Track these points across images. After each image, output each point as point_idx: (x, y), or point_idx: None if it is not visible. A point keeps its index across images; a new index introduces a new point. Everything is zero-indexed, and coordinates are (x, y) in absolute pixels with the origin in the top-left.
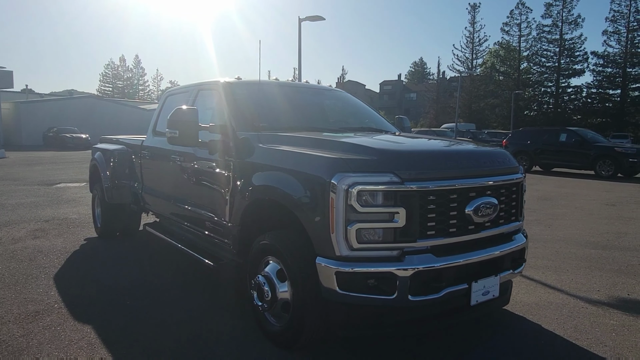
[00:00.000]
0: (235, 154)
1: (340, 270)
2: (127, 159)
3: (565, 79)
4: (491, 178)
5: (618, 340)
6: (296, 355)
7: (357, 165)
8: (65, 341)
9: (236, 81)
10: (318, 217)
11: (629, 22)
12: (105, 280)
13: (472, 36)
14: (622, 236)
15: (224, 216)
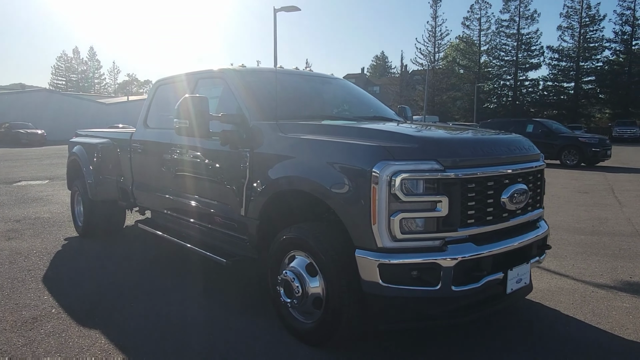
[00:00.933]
0: (252, 144)
1: (384, 262)
2: (112, 153)
3: (523, 73)
4: (522, 165)
5: (637, 323)
6: (326, 352)
7: (399, 153)
8: (75, 349)
9: (245, 69)
10: (357, 208)
11: (581, 18)
12: (101, 282)
13: (434, 30)
14: (604, 222)
15: (239, 210)
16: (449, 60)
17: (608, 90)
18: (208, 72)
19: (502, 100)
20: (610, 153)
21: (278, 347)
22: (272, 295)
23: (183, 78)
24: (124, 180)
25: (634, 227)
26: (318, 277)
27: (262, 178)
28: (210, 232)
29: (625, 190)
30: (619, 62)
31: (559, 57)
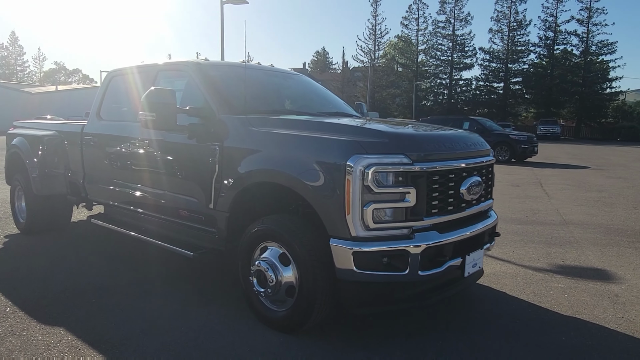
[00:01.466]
0: (221, 138)
1: (357, 250)
2: (59, 146)
3: (458, 72)
4: (477, 159)
5: (571, 301)
6: (298, 339)
7: (371, 147)
8: (41, 346)
9: (209, 62)
10: (332, 199)
11: (509, 22)
12: (56, 280)
13: (374, 28)
14: (536, 213)
15: (207, 203)
16: (389, 58)
17: (533, 91)
18: (170, 65)
19: (439, 98)
20: (537, 150)
21: (252, 336)
22: (244, 285)
23: (141, 70)
24: (73, 174)
25: (562, 217)
26: (291, 266)
27: (233, 171)
28: (174, 225)
29: (551, 183)
30: (543, 65)
31: (490, 59)
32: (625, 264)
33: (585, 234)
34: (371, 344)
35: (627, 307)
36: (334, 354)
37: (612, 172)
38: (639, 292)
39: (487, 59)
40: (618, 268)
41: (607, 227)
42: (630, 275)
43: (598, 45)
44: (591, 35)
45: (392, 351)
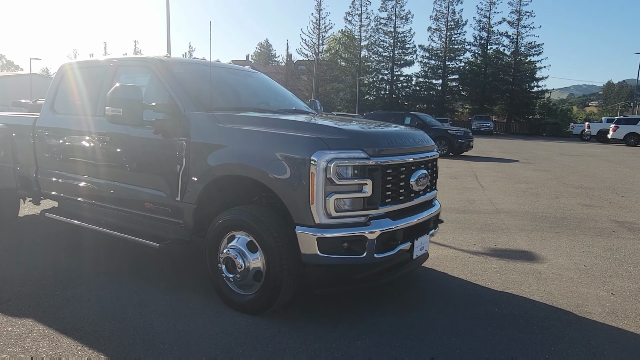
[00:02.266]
0: (188, 133)
1: (321, 236)
2: (8, 139)
3: (399, 68)
4: (424, 154)
5: (503, 279)
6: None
7: (332, 143)
8: (12, 337)
9: (172, 59)
10: (297, 190)
11: (447, 22)
12: (13, 274)
13: (318, 22)
14: (472, 203)
15: (174, 196)
16: (332, 52)
17: (468, 88)
18: (131, 60)
19: (381, 93)
20: (472, 144)
21: (220, 319)
22: (212, 272)
23: (99, 64)
24: (23, 167)
25: (495, 206)
26: (258, 253)
27: (201, 165)
28: (138, 217)
29: (485, 175)
30: (477, 63)
31: (429, 56)
32: (548, 246)
33: (514, 221)
34: (330, 319)
35: (548, 283)
36: (297, 330)
37: (537, 165)
38: (558, 270)
39: (426, 56)
40: (542, 250)
41: (533, 215)
42: (552, 255)
43: (526, 47)
44: (520, 36)
45: (354, 325)
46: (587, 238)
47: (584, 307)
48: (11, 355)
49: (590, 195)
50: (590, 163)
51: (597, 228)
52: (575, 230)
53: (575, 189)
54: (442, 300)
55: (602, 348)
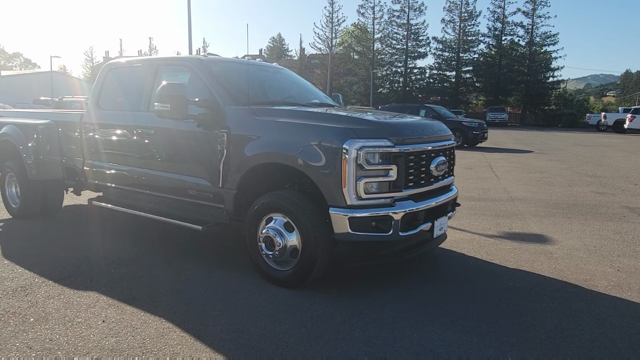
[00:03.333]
0: (229, 126)
1: (352, 216)
2: (55, 134)
3: (412, 61)
4: (442, 142)
5: (516, 258)
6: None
7: (362, 133)
8: (82, 305)
9: (210, 58)
10: (331, 175)
11: (461, 13)
12: (67, 255)
13: (331, 16)
14: (487, 191)
15: (216, 183)
16: (346, 46)
17: (482, 80)
18: (172, 59)
19: (394, 86)
20: (487, 136)
21: (260, 292)
22: (251, 251)
23: (141, 63)
24: (70, 160)
25: (509, 194)
26: (295, 232)
27: (241, 155)
28: (180, 204)
29: (500, 166)
30: (492, 55)
31: (443, 48)
32: (559, 230)
33: (528, 207)
34: (359, 292)
35: (559, 261)
36: (330, 300)
37: (552, 156)
38: (569, 250)
39: (440, 48)
40: (553, 233)
41: (546, 202)
42: (563, 237)
43: (542, 37)
44: (535, 26)
45: (381, 297)
46: (597, 222)
47: (591, 282)
48: (85, 319)
49: (604, 184)
50: (606, 153)
51: (608, 213)
52: (586, 216)
53: (588, 178)
54: (460, 276)
55: (605, 315)
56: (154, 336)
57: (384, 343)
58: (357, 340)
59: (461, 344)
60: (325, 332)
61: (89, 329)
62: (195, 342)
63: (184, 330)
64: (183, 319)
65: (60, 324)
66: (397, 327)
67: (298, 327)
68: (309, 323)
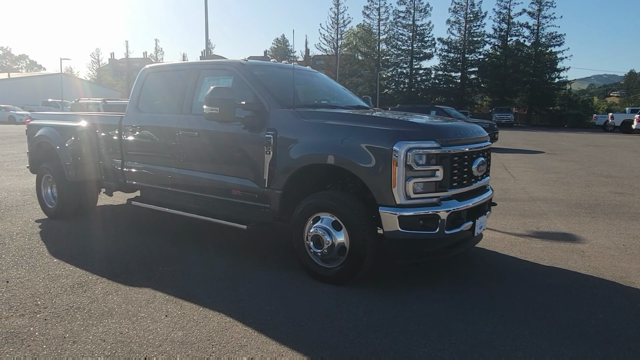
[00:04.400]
0: (275, 128)
1: (402, 215)
2: (93, 136)
3: (418, 62)
4: (481, 144)
5: (549, 256)
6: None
7: (411, 135)
8: (142, 301)
9: (252, 62)
10: (381, 175)
11: (466, 14)
12: (112, 254)
13: (336, 17)
14: (506, 192)
15: (262, 183)
16: (351, 46)
17: (488, 80)
18: (214, 64)
19: (400, 87)
20: (497, 136)
21: (308, 289)
22: (297, 249)
23: (180, 67)
24: (108, 161)
25: (529, 195)
26: (342, 230)
27: (288, 156)
28: (220, 203)
29: (514, 167)
30: (497, 55)
31: (448, 49)
32: (586, 229)
33: (550, 207)
34: (404, 288)
35: (592, 259)
36: (378, 296)
37: (564, 156)
38: (599, 248)
39: (445, 49)
40: (581, 232)
41: (568, 202)
42: (591, 236)
43: (547, 37)
44: (541, 27)
45: (424, 293)
46: (622, 222)
47: (627, 278)
48: (148, 314)
49: (621, 184)
50: (617, 153)
51: (631, 213)
52: (610, 215)
53: (605, 178)
54: (498, 273)
55: None
56: (218, 330)
57: (440, 336)
58: (414, 334)
59: (514, 337)
60: (381, 326)
61: (154, 323)
62: (260, 336)
63: (245, 324)
64: (241, 314)
65: (126, 318)
66: (449, 322)
67: (354, 321)
68: (364, 317)
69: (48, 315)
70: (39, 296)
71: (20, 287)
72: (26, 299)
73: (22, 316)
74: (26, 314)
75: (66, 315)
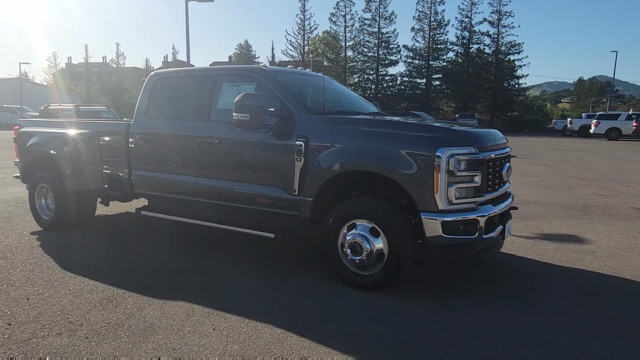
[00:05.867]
0: (306, 135)
1: (445, 220)
2: (96, 144)
3: (384, 68)
4: (506, 149)
5: (565, 257)
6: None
7: (451, 141)
8: (181, 315)
9: (273, 68)
10: (423, 181)
11: (430, 22)
12: (131, 267)
13: (303, 23)
14: None
15: (291, 191)
16: (317, 53)
17: (452, 87)
18: (233, 70)
19: (366, 93)
20: None
21: (348, 296)
22: (331, 256)
23: (193, 73)
24: (113, 169)
25: (520, 198)
26: (381, 237)
27: (322, 163)
28: (245, 212)
29: None
30: (460, 62)
31: (413, 56)
32: (587, 231)
33: (545, 210)
34: (441, 294)
35: (605, 259)
36: (420, 301)
37: (536, 160)
38: (607, 249)
39: (410, 56)
40: (583, 233)
41: (558, 205)
42: (595, 237)
43: (507, 45)
44: (501, 36)
45: (463, 297)
46: (617, 223)
47: None
48: (194, 328)
49: (599, 186)
50: (584, 157)
51: (621, 214)
52: (603, 217)
53: (582, 181)
54: (523, 275)
55: None
56: (273, 341)
57: (497, 339)
58: (472, 338)
59: (568, 338)
60: (436, 332)
61: (204, 337)
62: (319, 346)
63: (299, 335)
64: (290, 325)
65: (172, 333)
66: (499, 324)
67: (407, 328)
68: (415, 323)
69: (88, 333)
70: (68, 313)
71: (45, 304)
72: (56, 317)
73: (59, 335)
74: (63, 333)
75: (107, 332)
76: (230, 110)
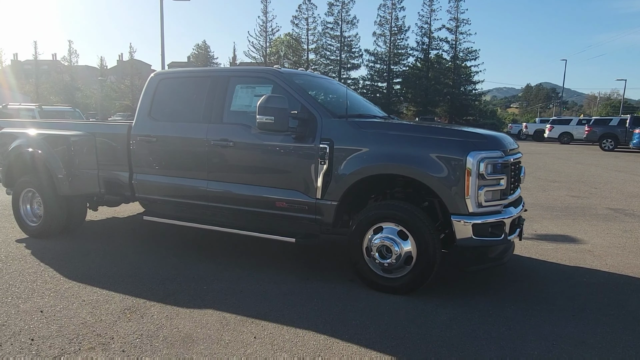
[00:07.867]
0: (331, 138)
1: (475, 222)
2: (91, 146)
3: (346, 72)
4: (520, 153)
5: (567, 257)
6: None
7: (480, 145)
8: (215, 324)
9: (288, 70)
10: (454, 185)
11: (391, 27)
12: (145, 275)
13: (265, 25)
14: None
15: (314, 195)
16: (280, 55)
17: (412, 91)
18: (246, 71)
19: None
20: None
21: (379, 300)
22: (355, 260)
23: (201, 74)
24: (110, 173)
25: None
26: (409, 240)
27: (347, 167)
28: (262, 216)
29: None
30: (420, 68)
31: (375, 60)
32: (576, 231)
33: (531, 211)
34: (466, 295)
35: (604, 258)
36: (450, 302)
37: None
38: (602, 248)
39: (372, 60)
40: (575, 233)
41: (542, 206)
42: (586, 237)
43: (464, 52)
44: (459, 42)
45: (485, 298)
46: (600, 223)
47: None
48: (233, 337)
49: (569, 188)
50: (545, 160)
51: (600, 215)
52: (585, 217)
53: (552, 183)
54: (535, 274)
55: None
56: (321, 348)
57: (538, 338)
58: (514, 338)
59: (602, 335)
60: (477, 333)
61: (247, 346)
62: (368, 351)
63: (344, 340)
64: (332, 330)
65: (214, 344)
66: (533, 324)
67: (447, 330)
68: (454, 325)
69: (123, 346)
70: (92, 325)
71: (62, 317)
72: (80, 330)
73: (92, 349)
74: (96, 347)
75: (142, 344)
76: (244, 113)
